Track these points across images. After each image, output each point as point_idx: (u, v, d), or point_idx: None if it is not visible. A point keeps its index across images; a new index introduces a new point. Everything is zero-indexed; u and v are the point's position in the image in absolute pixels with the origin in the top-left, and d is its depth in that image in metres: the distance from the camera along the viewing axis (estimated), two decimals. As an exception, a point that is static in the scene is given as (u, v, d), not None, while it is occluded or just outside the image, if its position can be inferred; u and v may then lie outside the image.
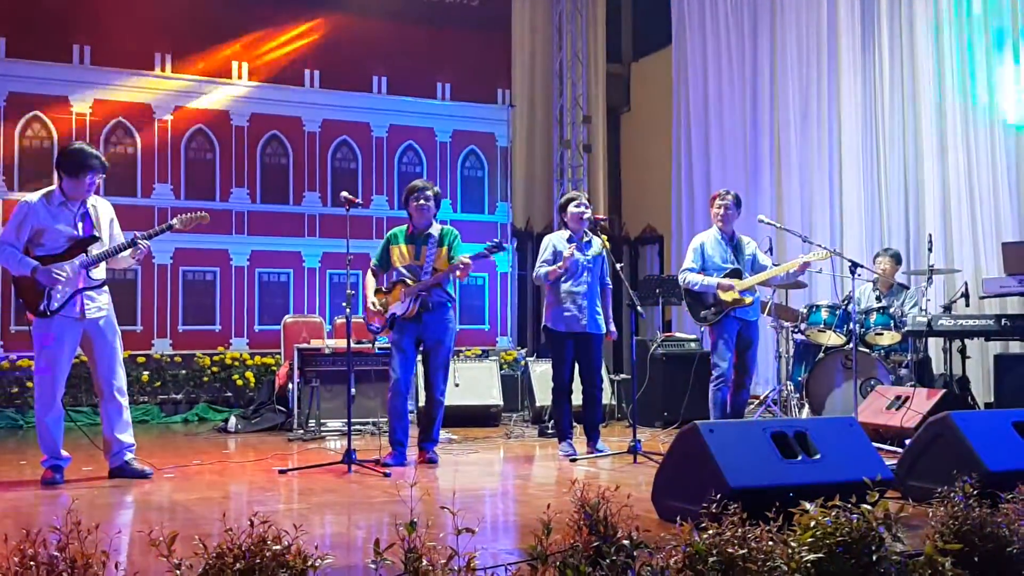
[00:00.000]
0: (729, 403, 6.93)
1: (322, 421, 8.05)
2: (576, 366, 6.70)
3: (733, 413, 6.93)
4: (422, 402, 6.94)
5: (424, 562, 2.73)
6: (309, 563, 2.62)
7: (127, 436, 5.70)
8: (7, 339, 9.24)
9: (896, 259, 8.04)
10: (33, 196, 5.61)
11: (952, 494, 3.32)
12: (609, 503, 3.05)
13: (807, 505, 3.20)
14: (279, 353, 9.57)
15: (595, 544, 2.93)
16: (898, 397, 6.61)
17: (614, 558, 2.88)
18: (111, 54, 9.70)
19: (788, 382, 8.26)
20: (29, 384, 8.64)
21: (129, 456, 5.70)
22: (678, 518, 3.16)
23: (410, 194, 6.42)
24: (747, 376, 7.01)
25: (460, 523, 2.78)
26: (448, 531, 2.80)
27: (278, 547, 2.61)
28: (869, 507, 3.14)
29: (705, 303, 6.92)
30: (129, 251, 5.67)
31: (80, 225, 5.59)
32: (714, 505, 3.11)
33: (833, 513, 3.13)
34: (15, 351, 9.05)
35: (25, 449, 6.98)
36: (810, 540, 3.06)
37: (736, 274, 6.91)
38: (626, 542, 2.93)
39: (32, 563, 2.39)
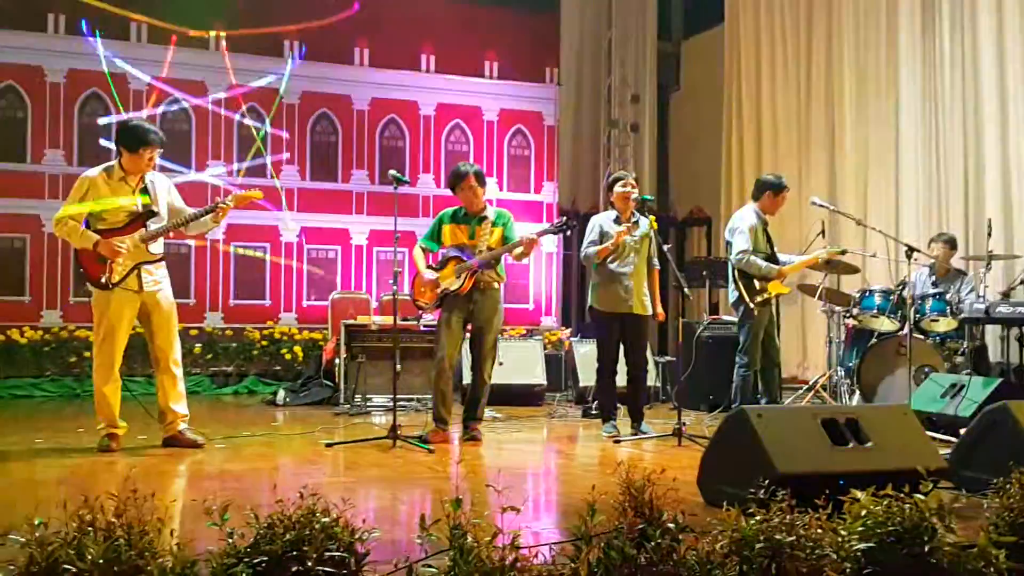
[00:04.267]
0: (764, 387, 6.87)
1: (368, 396, 8.11)
2: (621, 347, 6.66)
3: (771, 396, 6.87)
4: (466, 380, 6.94)
5: (469, 539, 2.73)
6: (356, 536, 2.63)
7: (181, 407, 5.80)
8: (66, 310, 9.43)
9: (951, 244, 7.89)
10: (94, 171, 5.68)
11: (1008, 485, 3.25)
12: (654, 485, 3.03)
13: (858, 493, 3.16)
14: (326, 328, 9.66)
15: (640, 527, 2.91)
16: (953, 385, 6.48)
17: (659, 541, 2.85)
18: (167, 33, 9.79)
19: (839, 368, 8.15)
20: (87, 354, 8.79)
21: (182, 426, 5.80)
22: (724, 503, 3.13)
23: (455, 180, 6.38)
24: (776, 357, 6.98)
25: (504, 501, 2.78)
26: (493, 509, 2.80)
27: (327, 519, 2.63)
28: (922, 497, 3.09)
29: (755, 289, 6.82)
30: (210, 216, 5.75)
31: (139, 200, 5.66)
32: (762, 490, 3.07)
33: (885, 502, 3.08)
34: (74, 321, 9.22)
35: (82, 417, 7.08)
36: (860, 529, 3.02)
37: (773, 260, 6.85)
38: (671, 525, 2.90)
39: (90, 528, 2.42)
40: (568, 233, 6.30)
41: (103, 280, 5.53)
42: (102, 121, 9.49)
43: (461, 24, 10.91)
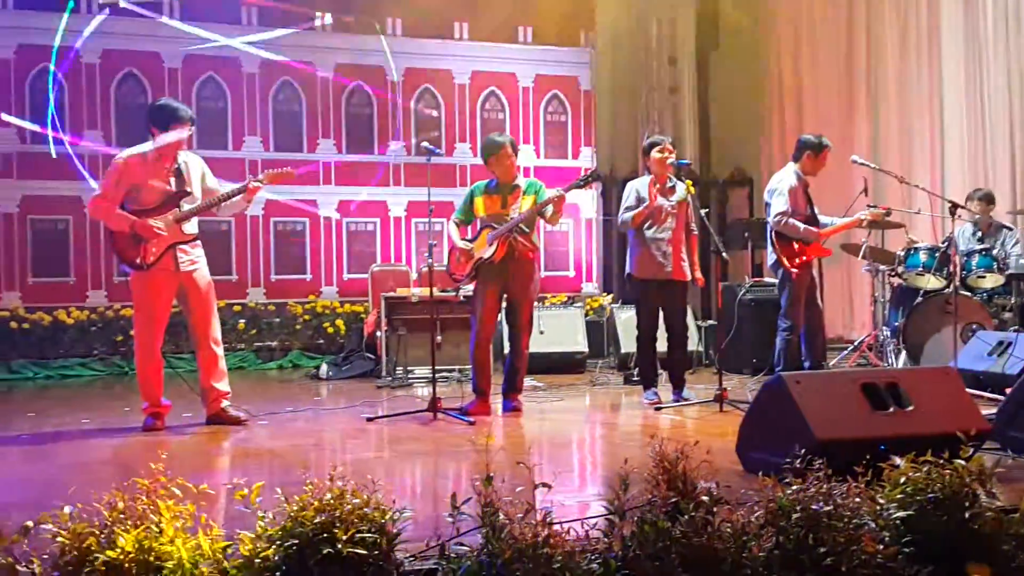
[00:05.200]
0: (808, 350, 6.79)
1: (409, 368, 8.14)
2: (661, 313, 6.62)
3: (815, 360, 6.79)
4: (506, 350, 6.93)
5: (501, 516, 2.73)
6: (388, 516, 2.64)
7: (223, 384, 5.86)
8: (111, 289, 9.56)
9: (988, 200, 7.72)
10: (128, 152, 5.73)
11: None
12: (688, 458, 3.00)
13: (896, 459, 3.10)
14: (367, 301, 9.70)
15: (673, 500, 2.89)
16: (1000, 343, 6.35)
17: (693, 514, 2.83)
18: (200, 10, 9.80)
19: (884, 327, 8.03)
20: (132, 333, 8.94)
21: (225, 403, 5.85)
22: (760, 472, 3.10)
23: (490, 152, 6.33)
24: (820, 320, 6.91)
25: (539, 477, 2.78)
26: (527, 484, 2.79)
27: (357, 500, 2.64)
28: (963, 462, 3.03)
29: (794, 251, 6.72)
30: (242, 196, 5.80)
31: (173, 180, 5.70)
32: (798, 459, 3.02)
33: (924, 468, 3.03)
34: (119, 301, 9.35)
35: (128, 396, 7.18)
36: (899, 496, 2.97)
37: (814, 222, 6.74)
38: (705, 498, 2.88)
39: (122, 515, 2.45)
40: (593, 184, 6.21)
41: (139, 261, 5.58)
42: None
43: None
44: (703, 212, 6.56)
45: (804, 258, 6.66)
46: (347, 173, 10.32)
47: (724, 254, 6.36)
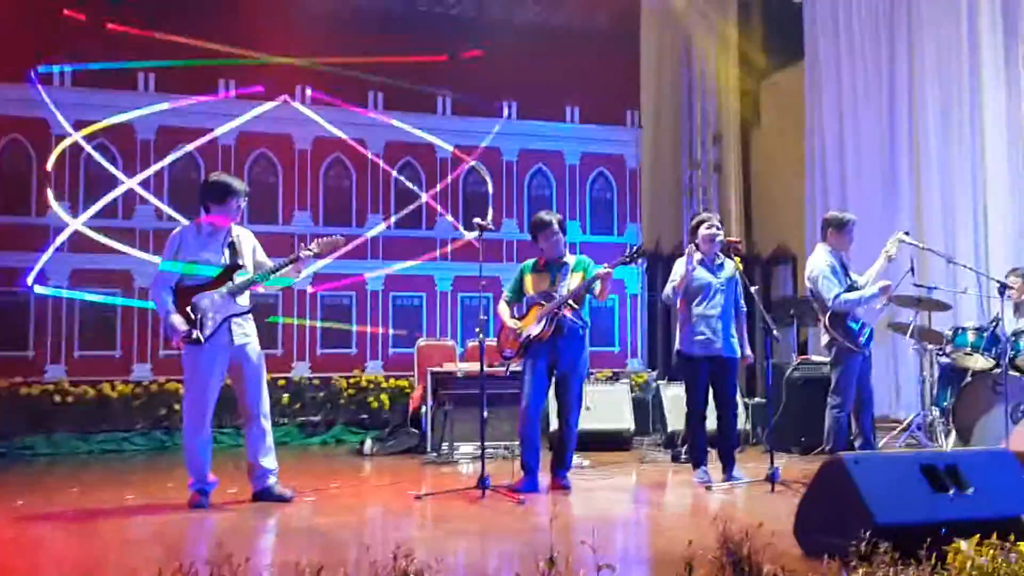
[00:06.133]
0: (859, 428, 6.73)
1: (455, 444, 8.13)
2: (711, 390, 6.59)
3: (866, 438, 6.72)
4: (553, 426, 6.92)
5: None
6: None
7: (270, 461, 5.84)
8: (156, 363, 9.67)
9: (1024, 277, 7.66)
10: (184, 226, 5.86)
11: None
12: (752, 539, 2.98)
13: (961, 544, 3.07)
14: (412, 376, 9.73)
15: (739, 583, 2.87)
16: (1053, 424, 6.26)
17: (759, 598, 2.81)
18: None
19: (933, 407, 7.94)
20: (176, 406, 9.00)
21: (272, 480, 5.83)
22: (825, 555, 3.07)
23: (538, 229, 6.42)
24: (870, 398, 6.86)
25: (600, 559, 2.77)
26: (587, 566, 2.78)
27: (421, 580, 2.65)
28: (1029, 548, 2.99)
29: (854, 331, 6.68)
30: (291, 266, 5.87)
31: (227, 253, 5.81)
32: (863, 543, 3.00)
33: (990, 553, 2.99)
34: (163, 374, 9.45)
35: (172, 471, 7.18)
36: (966, 582, 2.94)
37: (852, 290, 6.72)
38: (771, 581, 2.86)
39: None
40: (638, 259, 6.27)
41: (194, 336, 5.63)
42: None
43: (542, 69, 10.98)
44: (753, 289, 6.57)
45: (866, 334, 6.65)
46: (395, 248, 10.46)
47: (775, 332, 6.34)
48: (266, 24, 9.59)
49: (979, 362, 7.51)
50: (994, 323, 7.44)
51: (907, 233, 7.27)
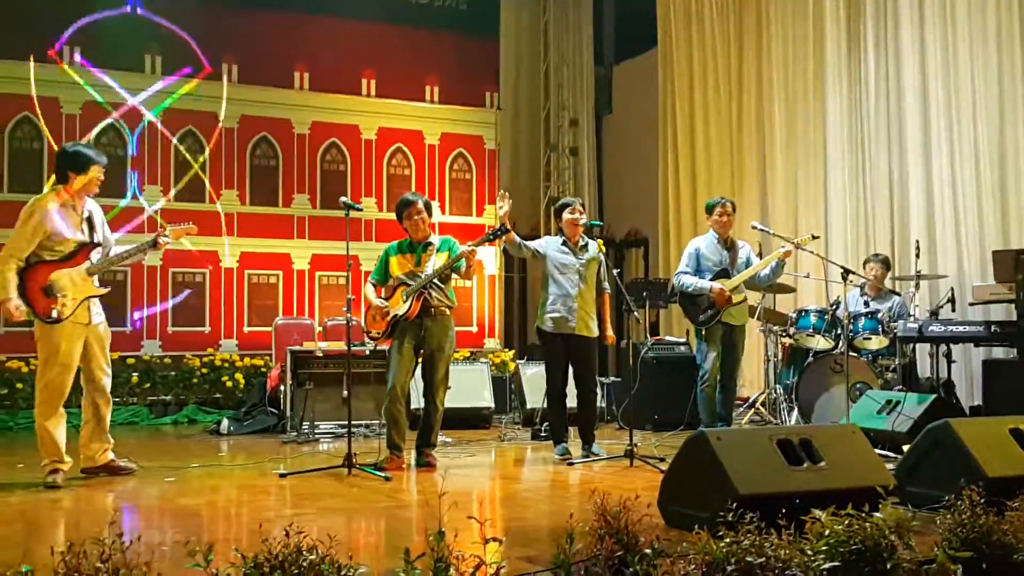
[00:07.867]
0: (721, 404, 7.11)
1: (315, 423, 8.07)
2: (571, 369, 6.76)
3: (724, 413, 7.10)
4: (415, 405, 6.96)
5: (452, 572, 2.79)
6: (343, 573, 2.67)
7: (107, 434, 5.83)
8: (-2, 340, 9.20)
9: (886, 265, 8.19)
10: (44, 196, 5.60)
11: (959, 502, 3.39)
12: (630, 511, 3.11)
13: (818, 513, 3.28)
14: (269, 355, 9.57)
15: (618, 553, 3.00)
16: (888, 402, 6.70)
17: (637, 567, 2.94)
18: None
19: (777, 385, 8.37)
20: (19, 385, 8.60)
21: (111, 455, 5.84)
22: (690, 525, 3.23)
23: (403, 209, 6.44)
24: (730, 379, 7.23)
25: (487, 532, 2.84)
26: (467, 539, 2.85)
27: (314, 556, 2.65)
28: (880, 515, 3.22)
29: (700, 306, 7.08)
30: (151, 251, 5.83)
31: (85, 228, 5.60)
32: (729, 513, 3.16)
33: (845, 521, 3.20)
34: (5, 352, 8.98)
35: (19, 451, 6.96)
36: (825, 548, 3.14)
37: (724, 274, 7.11)
38: (648, 551, 2.99)
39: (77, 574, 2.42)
40: (502, 236, 6.40)
41: (54, 314, 5.42)
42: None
43: (402, 48, 10.97)
44: (615, 272, 6.78)
45: (709, 313, 7.02)
46: (250, 225, 10.24)
47: (636, 312, 6.56)
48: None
49: (820, 343, 7.96)
50: (834, 306, 7.92)
51: (755, 225, 7.74)
